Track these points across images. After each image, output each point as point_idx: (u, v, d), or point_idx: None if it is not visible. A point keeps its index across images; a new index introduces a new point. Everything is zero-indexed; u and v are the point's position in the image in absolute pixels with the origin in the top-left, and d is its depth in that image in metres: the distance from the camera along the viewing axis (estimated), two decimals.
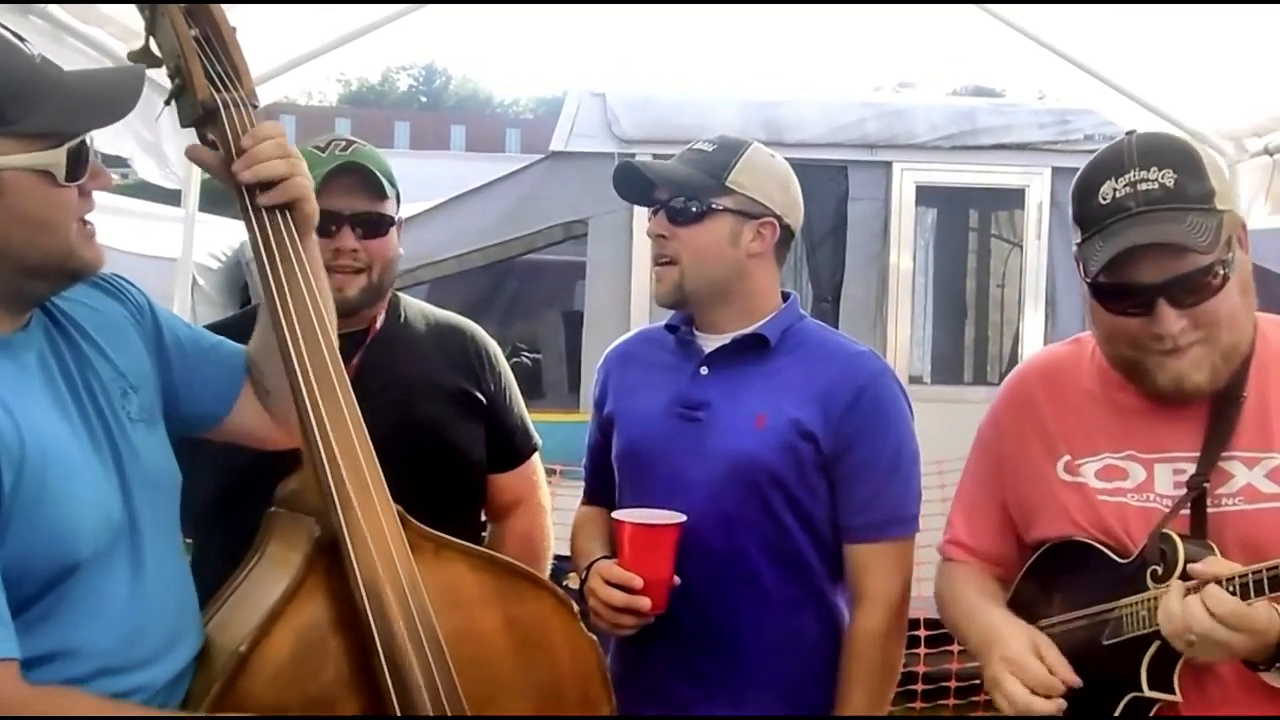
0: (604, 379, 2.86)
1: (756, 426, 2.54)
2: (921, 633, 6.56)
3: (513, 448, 2.91)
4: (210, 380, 2.09)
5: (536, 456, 2.97)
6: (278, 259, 1.97)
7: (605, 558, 2.54)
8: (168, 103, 2.02)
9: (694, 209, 2.59)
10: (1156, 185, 2.03)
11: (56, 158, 1.72)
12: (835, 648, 2.59)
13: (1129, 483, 2.12)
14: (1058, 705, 1.99)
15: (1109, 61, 4.45)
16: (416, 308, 2.92)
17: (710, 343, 2.67)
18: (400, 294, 2.92)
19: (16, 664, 1.63)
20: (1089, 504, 2.14)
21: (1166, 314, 2.00)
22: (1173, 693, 1.95)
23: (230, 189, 2.00)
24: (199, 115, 1.98)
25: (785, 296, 2.74)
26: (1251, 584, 1.81)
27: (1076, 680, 2.01)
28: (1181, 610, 1.84)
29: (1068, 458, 2.19)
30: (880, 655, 2.56)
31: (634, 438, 2.71)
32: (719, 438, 2.57)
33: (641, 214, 5.30)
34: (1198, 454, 2.06)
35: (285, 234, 1.98)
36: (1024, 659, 2.03)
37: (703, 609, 2.55)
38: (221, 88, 1.98)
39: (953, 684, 6.59)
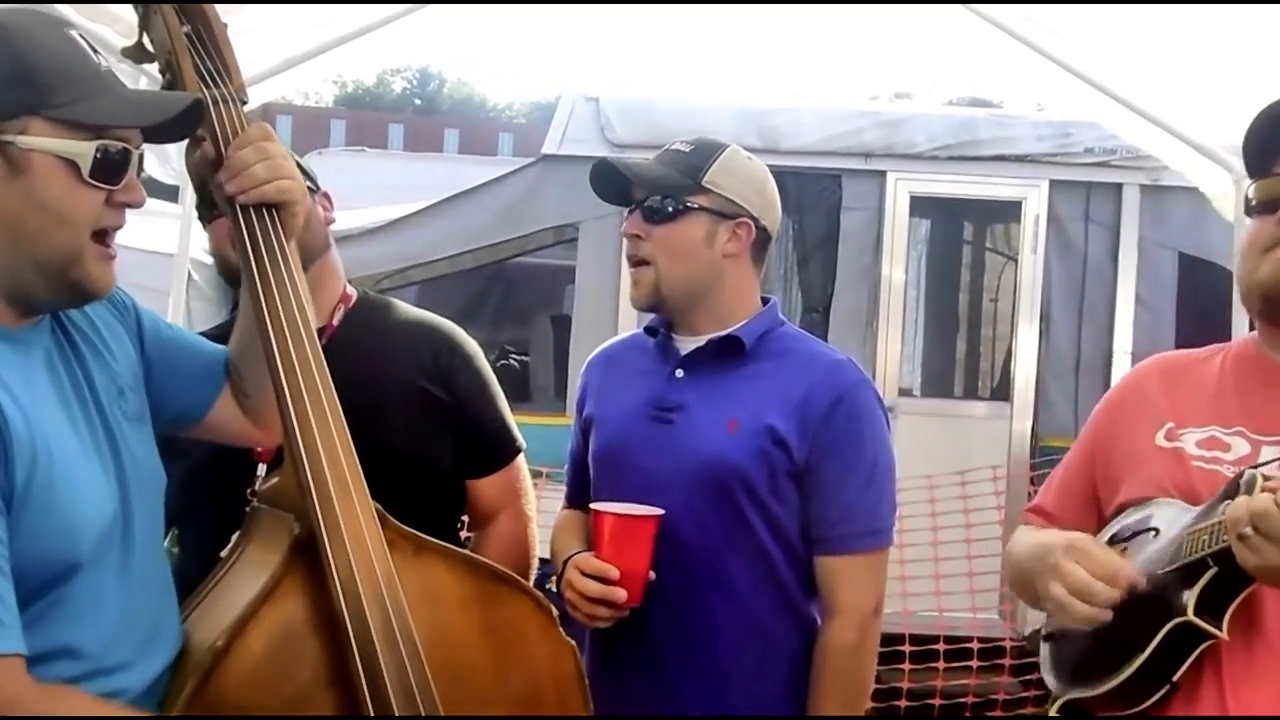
0: (585, 383, 2.85)
1: (728, 430, 2.53)
2: (906, 648, 6.55)
3: (491, 451, 2.83)
4: (192, 379, 2.09)
5: (521, 462, 2.89)
6: (263, 256, 1.97)
7: (580, 551, 2.53)
8: None
9: (669, 208, 2.58)
10: None
11: (85, 150, 1.73)
12: (809, 657, 2.57)
13: (1229, 455, 2.07)
14: (1116, 595, 1.95)
15: (1113, 74, 4.42)
16: (386, 307, 2.86)
17: (686, 345, 2.66)
18: (369, 292, 2.88)
19: (23, 660, 1.63)
20: (1181, 468, 2.10)
21: None
22: (1220, 625, 1.88)
23: (215, 186, 2.01)
24: None
25: (766, 301, 2.72)
26: None
27: (1141, 580, 1.95)
28: (1246, 501, 1.77)
29: (1170, 425, 2.16)
30: (852, 668, 2.55)
31: (609, 438, 2.70)
32: (690, 440, 2.56)
33: None
34: None
35: (271, 232, 1.98)
36: (1088, 547, 2.02)
37: (676, 610, 2.54)
38: (211, 84, 1.99)
39: (937, 701, 6.57)
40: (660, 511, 2.47)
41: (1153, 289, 7.31)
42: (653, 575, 2.47)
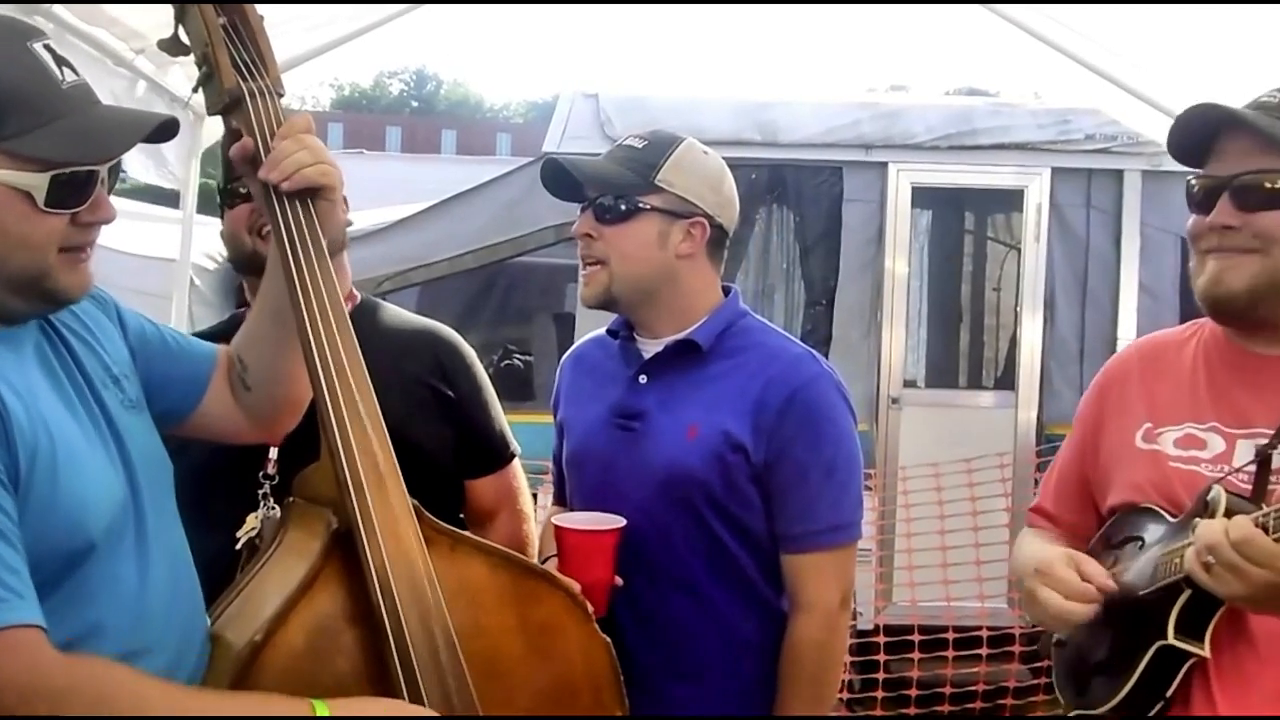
0: (558, 385, 2.84)
1: (688, 438, 2.52)
2: (915, 638, 6.55)
3: (490, 452, 2.87)
4: (177, 376, 2.09)
5: (517, 463, 2.93)
6: (298, 247, 1.97)
7: (553, 556, 2.52)
8: (195, 90, 2.07)
9: (621, 207, 2.55)
10: (1274, 100, 2.08)
11: (38, 181, 1.70)
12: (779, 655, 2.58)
13: (1206, 453, 2.09)
14: (1090, 610, 2.01)
15: (1112, 58, 4.40)
16: (387, 310, 2.90)
17: (648, 348, 2.64)
18: (370, 297, 2.91)
19: (42, 631, 1.63)
20: (1159, 470, 2.12)
21: (1223, 205, 2.04)
22: (1202, 644, 1.91)
23: (250, 178, 2.03)
24: (225, 103, 2.01)
25: (728, 292, 2.70)
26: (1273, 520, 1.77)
27: (1112, 585, 2.02)
28: (1207, 530, 1.80)
29: (1148, 425, 2.17)
30: (818, 664, 2.55)
31: (575, 446, 2.70)
32: (651, 449, 2.54)
33: None
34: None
35: (306, 224, 1.99)
36: (1056, 568, 2.06)
37: (644, 614, 2.54)
38: (248, 76, 2.01)
39: (947, 690, 6.56)
40: (621, 523, 2.45)
41: (1155, 275, 7.29)
42: (619, 582, 2.46)
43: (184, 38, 2.06)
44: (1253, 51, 3.97)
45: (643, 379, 2.61)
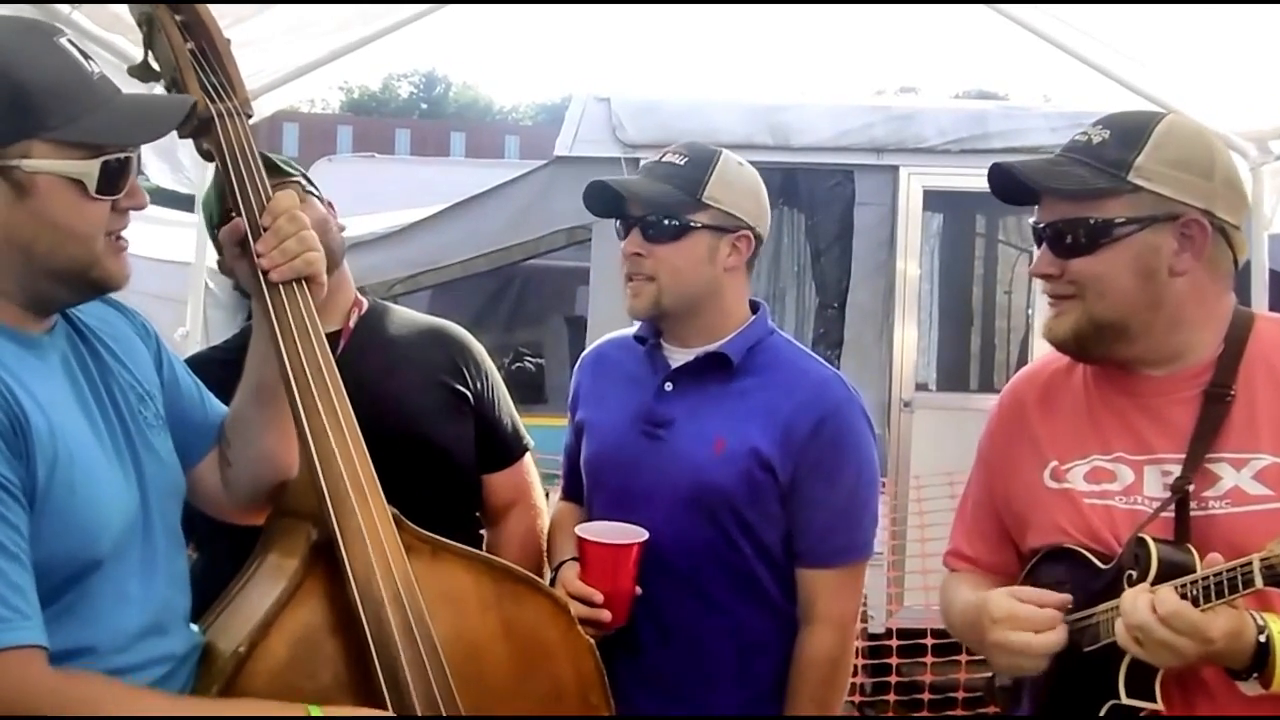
0: (577, 384, 2.85)
1: (715, 451, 2.53)
2: (928, 641, 6.53)
3: (504, 447, 2.89)
4: (187, 431, 2.09)
5: (529, 457, 2.96)
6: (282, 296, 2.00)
7: (574, 558, 2.54)
8: None
9: (671, 226, 2.56)
10: (1085, 138, 2.11)
11: (89, 169, 1.74)
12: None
13: (1116, 485, 2.08)
14: (1062, 631, 1.99)
15: (1126, 62, 4.39)
16: (397, 312, 2.92)
17: (676, 357, 2.65)
18: (381, 300, 2.94)
19: (45, 652, 1.64)
20: (1076, 509, 2.11)
21: (1042, 254, 2.09)
22: (1154, 701, 1.91)
23: (236, 261, 2.08)
24: (195, 125, 2.03)
25: (756, 307, 2.71)
26: (1213, 587, 1.77)
27: (1066, 598, 2.01)
28: (1131, 607, 1.81)
29: (1054, 463, 2.16)
30: (827, 675, 2.58)
31: (598, 449, 2.71)
32: (677, 459, 2.56)
33: None
34: (1184, 455, 2.02)
35: (299, 299, 2.02)
36: (1011, 609, 2.02)
37: (662, 624, 2.56)
38: (216, 98, 2.03)
39: (960, 694, 6.55)
40: (643, 535, 2.47)
41: None
42: (639, 591, 2.48)
43: (154, 64, 2.10)
44: (1261, 53, 3.96)
45: (669, 387, 2.62)
